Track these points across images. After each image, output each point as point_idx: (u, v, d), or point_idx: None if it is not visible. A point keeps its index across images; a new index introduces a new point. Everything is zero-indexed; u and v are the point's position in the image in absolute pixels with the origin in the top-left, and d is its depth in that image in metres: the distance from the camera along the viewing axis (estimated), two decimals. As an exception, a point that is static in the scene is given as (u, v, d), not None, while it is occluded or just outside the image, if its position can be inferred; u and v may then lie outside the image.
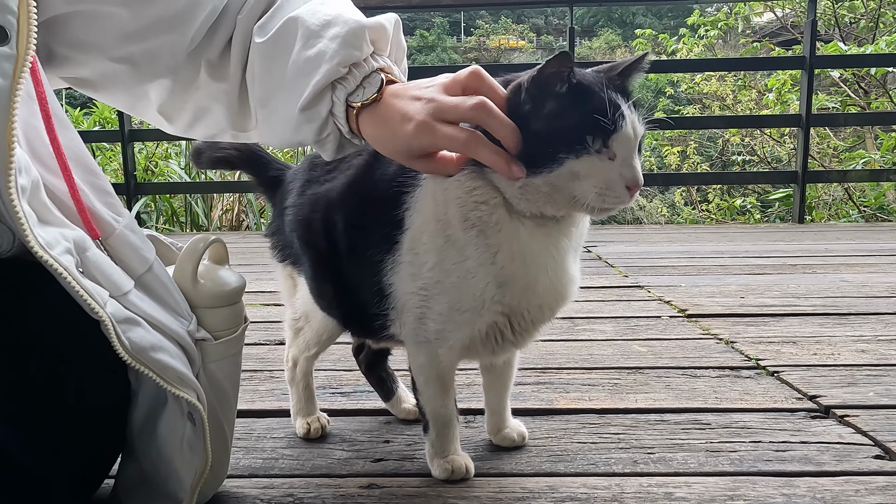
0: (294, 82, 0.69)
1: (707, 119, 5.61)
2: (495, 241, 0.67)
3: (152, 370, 0.58)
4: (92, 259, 0.57)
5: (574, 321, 1.53)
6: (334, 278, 0.79)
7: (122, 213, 0.62)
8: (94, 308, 0.54)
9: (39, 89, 0.56)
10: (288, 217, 0.84)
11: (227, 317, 0.68)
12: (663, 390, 1.06)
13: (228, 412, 0.70)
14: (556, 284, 0.70)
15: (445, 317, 0.70)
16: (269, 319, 1.61)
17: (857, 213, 4.73)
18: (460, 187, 0.68)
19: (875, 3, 5.65)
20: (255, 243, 3.17)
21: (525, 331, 0.73)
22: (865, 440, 0.85)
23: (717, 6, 7.41)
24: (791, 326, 1.45)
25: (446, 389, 0.76)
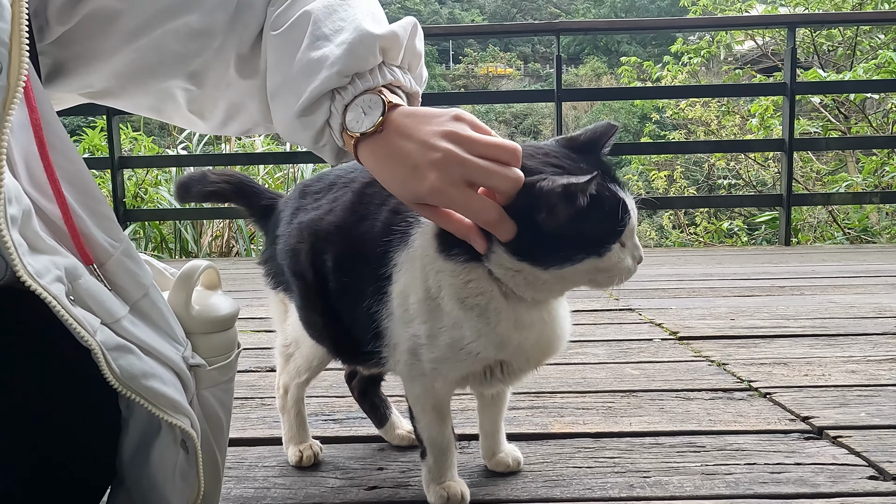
0: (295, 82, 0.66)
1: (692, 144, 5.72)
2: (495, 319, 0.68)
3: (144, 398, 0.57)
4: (84, 286, 0.56)
5: (567, 345, 1.52)
6: (323, 310, 0.79)
7: (120, 239, 0.61)
8: (83, 336, 0.54)
9: (34, 116, 0.57)
10: (279, 245, 0.84)
11: (221, 343, 0.67)
12: (657, 413, 1.06)
13: (221, 440, 0.69)
14: (543, 344, 0.72)
15: (439, 360, 0.71)
16: (260, 346, 1.60)
17: (841, 234, 4.80)
18: (454, 278, 0.67)
19: (851, 32, 5.83)
20: (245, 270, 3.15)
21: (513, 375, 0.74)
22: (859, 461, 0.85)
23: (700, 35, 7.61)
24: (782, 348, 1.46)
25: (443, 417, 0.76)
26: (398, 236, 0.71)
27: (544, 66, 30.40)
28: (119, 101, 0.77)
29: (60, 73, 0.72)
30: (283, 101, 0.69)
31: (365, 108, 0.65)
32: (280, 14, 0.68)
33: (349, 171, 0.81)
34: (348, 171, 0.81)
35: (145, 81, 0.73)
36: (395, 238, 0.71)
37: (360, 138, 0.65)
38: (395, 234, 0.71)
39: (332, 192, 0.80)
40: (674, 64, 6.78)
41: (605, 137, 0.68)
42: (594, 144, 0.68)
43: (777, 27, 5.37)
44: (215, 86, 0.73)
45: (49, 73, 0.71)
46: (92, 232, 0.59)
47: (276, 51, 0.68)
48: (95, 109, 4.02)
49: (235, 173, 0.94)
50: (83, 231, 0.59)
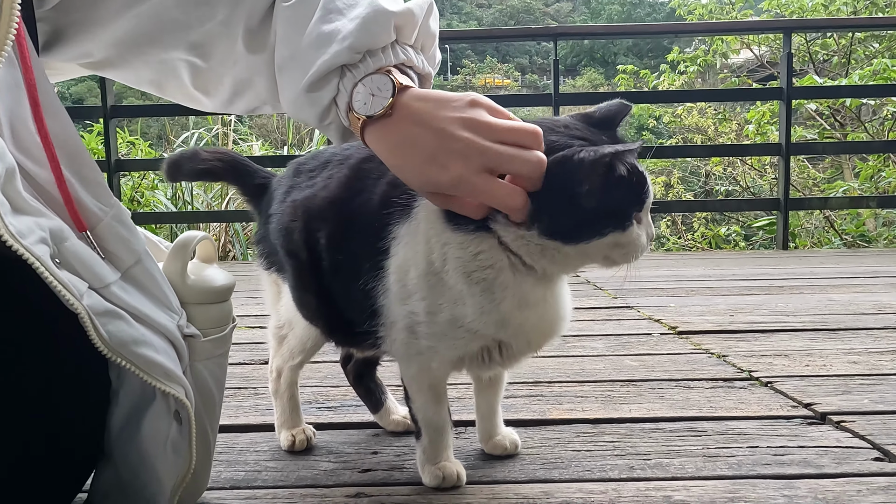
0: (304, 55, 0.64)
1: (690, 148, 5.73)
2: (500, 295, 0.66)
3: (135, 365, 0.55)
4: (70, 249, 0.55)
5: (565, 339, 1.51)
6: (317, 290, 0.77)
7: (110, 204, 0.60)
8: (68, 300, 0.52)
9: (29, 76, 0.55)
10: (272, 224, 0.82)
11: (216, 314, 0.66)
12: (657, 401, 1.04)
13: (213, 415, 0.67)
14: (545, 325, 0.70)
15: (437, 338, 0.69)
16: (255, 341, 1.58)
17: (839, 240, 4.80)
18: (463, 250, 0.65)
19: (846, 41, 5.87)
20: (241, 272, 3.14)
21: (512, 357, 0.72)
22: (864, 444, 0.84)
23: (696, 45, 7.66)
24: (782, 341, 1.44)
25: (439, 398, 0.74)
26: (398, 209, 0.69)
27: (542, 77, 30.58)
28: (119, 72, 0.76)
29: (59, 41, 0.70)
30: (290, 75, 0.67)
31: (374, 89, 0.63)
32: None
33: (345, 149, 0.79)
34: (344, 149, 0.79)
35: (146, 51, 0.72)
36: (394, 211, 0.69)
37: (368, 121, 0.63)
38: (395, 206, 0.69)
39: (327, 169, 0.78)
40: (670, 72, 6.82)
41: (619, 115, 0.68)
42: (610, 121, 0.68)
43: (773, 32, 5.40)
44: (222, 61, 0.72)
45: (48, 40, 0.70)
46: (81, 196, 0.58)
47: (287, 23, 0.67)
48: (92, 113, 4.02)
49: (228, 151, 0.92)
50: (73, 196, 0.57)
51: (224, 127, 4.64)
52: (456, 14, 45.58)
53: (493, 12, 42.47)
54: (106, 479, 0.63)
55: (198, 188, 4.41)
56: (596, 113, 0.68)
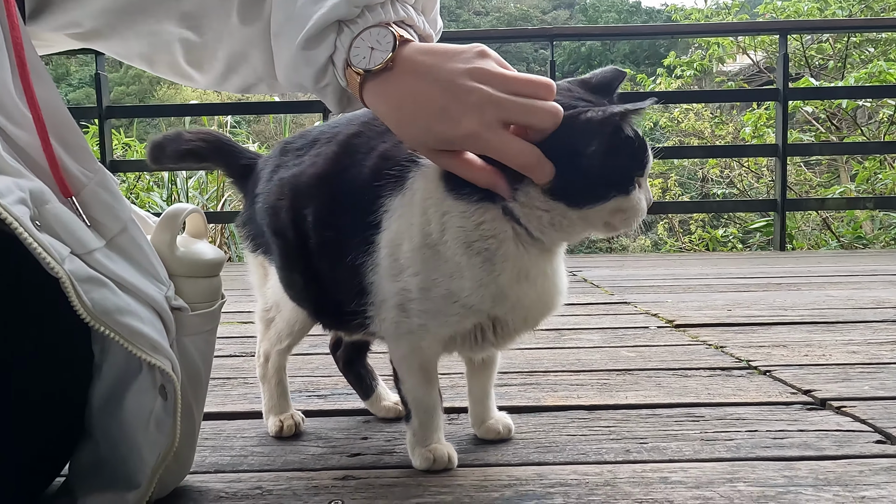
0: (301, 12, 0.62)
1: (687, 149, 5.73)
2: (500, 267, 0.65)
3: (120, 335, 0.53)
4: (52, 212, 0.52)
5: (560, 332, 1.49)
6: (304, 270, 0.75)
7: (93, 169, 0.58)
8: (48, 263, 0.49)
9: (15, 35, 0.53)
10: (258, 204, 0.80)
11: (205, 289, 0.64)
12: (654, 388, 1.02)
13: (199, 393, 0.65)
14: (544, 298, 0.69)
15: (429, 315, 0.67)
16: (246, 335, 1.56)
17: (836, 242, 4.80)
18: (465, 220, 0.63)
19: (842, 45, 5.89)
20: (237, 273, 3.11)
21: (507, 335, 0.71)
22: (865, 427, 0.82)
23: (692, 52, 7.68)
24: (780, 333, 1.42)
25: (430, 378, 0.72)
26: (391, 181, 0.67)
27: (539, 84, 30.66)
28: (109, 44, 0.74)
29: (47, 8, 0.68)
30: (286, 37, 0.64)
31: (373, 42, 0.60)
32: None
33: (333, 127, 0.78)
34: (332, 127, 0.78)
35: (135, 20, 0.70)
36: (386, 183, 0.68)
37: (367, 76, 0.60)
38: (388, 178, 0.68)
39: (315, 147, 0.76)
40: (666, 76, 6.84)
41: (616, 82, 0.67)
42: (607, 87, 0.66)
43: (769, 34, 5.41)
44: (217, 36, 0.70)
45: (35, 7, 0.68)
46: (64, 161, 0.56)
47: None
48: (88, 113, 4.00)
49: (212, 131, 0.90)
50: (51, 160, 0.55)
51: (220, 129, 4.63)
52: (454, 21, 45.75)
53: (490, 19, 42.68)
54: (85, 457, 0.61)
55: (193, 189, 4.39)
56: (592, 79, 0.67)
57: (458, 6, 50.04)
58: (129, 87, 19.53)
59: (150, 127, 8.16)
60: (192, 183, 4.45)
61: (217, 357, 1.31)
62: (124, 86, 19.41)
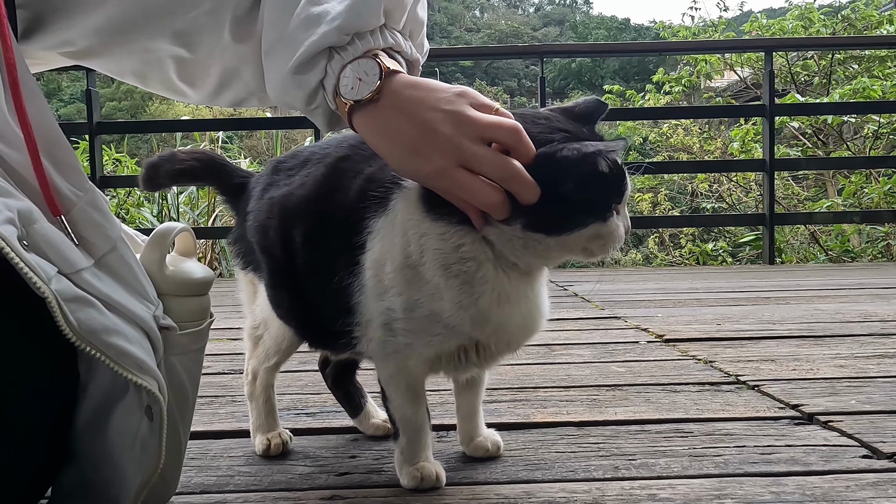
0: (292, 36, 0.64)
1: (676, 164, 5.78)
2: (480, 289, 0.65)
3: (106, 355, 0.52)
4: (40, 232, 0.52)
5: (551, 347, 1.49)
6: (291, 289, 0.75)
7: (84, 188, 0.58)
8: (35, 283, 0.49)
9: (8, 55, 0.53)
10: (249, 222, 0.81)
11: (194, 308, 0.63)
12: (643, 404, 1.02)
13: (185, 413, 0.64)
14: (527, 321, 0.69)
15: (414, 334, 0.67)
16: (235, 352, 1.55)
17: (824, 255, 4.84)
18: (444, 242, 0.64)
19: (826, 62, 5.99)
20: (228, 289, 3.09)
21: (490, 357, 0.71)
22: (851, 442, 0.82)
23: (680, 67, 7.79)
24: (769, 347, 1.43)
25: (417, 397, 0.72)
26: (375, 202, 0.68)
27: (530, 100, 30.98)
28: (102, 61, 0.74)
29: (39, 28, 0.69)
30: (277, 58, 0.66)
31: (361, 73, 0.63)
32: None
33: (323, 148, 0.78)
34: (322, 147, 0.79)
35: (129, 38, 0.70)
36: (371, 204, 0.68)
37: (355, 106, 0.63)
38: (372, 200, 0.68)
39: (306, 167, 0.77)
40: (655, 92, 6.91)
41: (597, 112, 0.68)
42: (589, 117, 0.68)
43: (755, 51, 5.50)
44: (209, 52, 0.71)
45: (28, 27, 0.69)
46: (54, 180, 0.56)
47: (275, 7, 0.67)
48: (78, 129, 4.00)
49: (206, 151, 0.91)
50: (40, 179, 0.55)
51: (212, 144, 4.63)
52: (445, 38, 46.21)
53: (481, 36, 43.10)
54: (69, 479, 0.60)
55: (184, 205, 4.38)
56: (576, 108, 0.69)
57: (450, 23, 50.56)
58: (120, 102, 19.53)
59: (142, 142, 8.15)
60: (182, 199, 4.44)
61: (205, 375, 1.30)
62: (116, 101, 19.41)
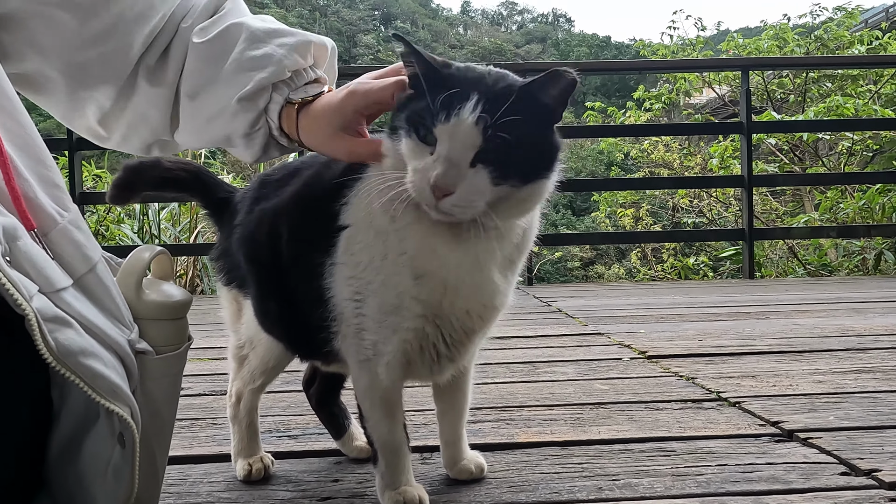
0: (234, 76, 0.73)
1: (657, 180, 5.86)
2: (406, 232, 0.66)
3: (81, 378, 0.51)
4: (22, 249, 0.52)
5: (535, 365, 1.49)
6: (278, 293, 0.76)
7: (68, 208, 0.57)
8: (17, 300, 0.48)
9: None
10: (235, 235, 0.80)
11: (171, 332, 0.63)
12: (626, 422, 1.03)
13: (161, 439, 0.63)
14: (480, 289, 0.68)
15: (377, 323, 0.68)
16: (217, 372, 1.52)
17: (802, 270, 4.92)
18: (381, 181, 0.66)
19: (801, 80, 6.14)
20: (209, 306, 3.06)
21: (458, 342, 0.71)
22: (830, 459, 0.83)
23: (660, 84, 7.93)
24: (749, 363, 1.45)
25: (392, 413, 0.72)
26: (347, 192, 0.70)
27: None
28: (39, 97, 0.77)
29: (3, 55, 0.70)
30: (214, 95, 0.75)
31: (307, 88, 0.76)
32: (205, 27, 0.77)
33: (309, 161, 0.80)
34: (308, 161, 0.80)
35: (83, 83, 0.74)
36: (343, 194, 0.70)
37: (302, 106, 0.75)
38: (344, 190, 0.70)
39: (295, 179, 0.78)
40: (636, 109, 7.03)
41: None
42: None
43: (731, 70, 5.62)
44: (127, 96, 0.77)
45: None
46: (38, 197, 0.56)
47: (204, 56, 0.76)
48: (58, 145, 3.95)
49: (193, 162, 0.91)
50: (28, 195, 0.55)
51: (195, 158, 4.60)
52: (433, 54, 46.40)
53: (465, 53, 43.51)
54: None
55: (166, 221, 4.33)
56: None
57: (434, 40, 51.04)
58: (101, 117, 19.34)
59: (123, 158, 8.07)
60: (164, 214, 4.39)
61: (185, 396, 1.28)
62: (97, 116, 19.21)
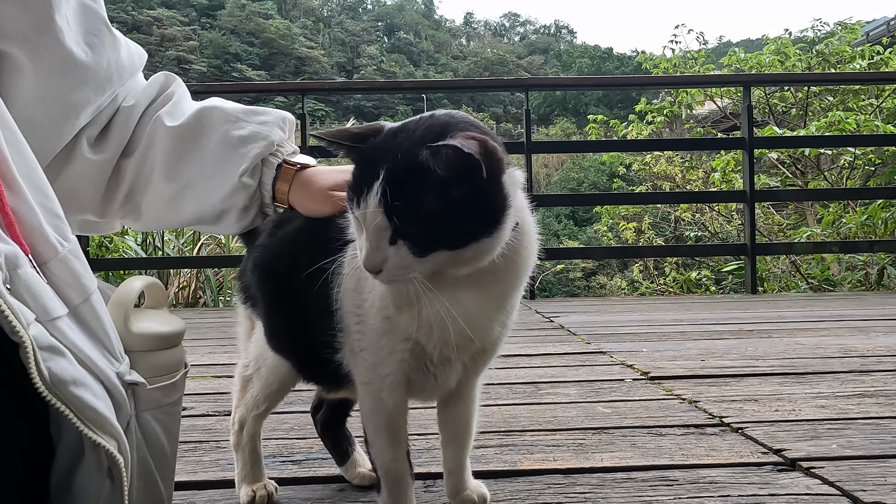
0: (224, 155, 0.81)
1: (659, 194, 5.88)
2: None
3: (70, 408, 0.52)
4: (23, 277, 0.52)
5: (538, 385, 1.49)
6: (289, 308, 0.77)
7: (68, 238, 0.58)
8: (15, 328, 0.49)
9: None
10: (255, 254, 0.83)
11: (164, 362, 0.63)
12: (629, 449, 1.03)
13: (164, 470, 0.64)
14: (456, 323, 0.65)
15: (373, 344, 0.69)
16: (220, 391, 1.53)
17: (805, 284, 4.92)
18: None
19: (803, 94, 6.17)
20: (211, 319, 3.07)
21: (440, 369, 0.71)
22: (833, 490, 0.83)
23: (662, 97, 7.97)
24: (752, 386, 1.45)
25: (397, 440, 0.72)
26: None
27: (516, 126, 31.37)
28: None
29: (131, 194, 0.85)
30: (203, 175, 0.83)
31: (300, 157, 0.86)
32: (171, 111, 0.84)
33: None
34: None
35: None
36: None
37: (298, 171, 0.83)
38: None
39: None
40: (638, 122, 7.06)
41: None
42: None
43: (733, 86, 5.65)
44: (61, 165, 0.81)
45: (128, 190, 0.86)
46: (44, 227, 0.56)
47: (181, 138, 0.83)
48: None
49: None
50: (33, 224, 0.55)
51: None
52: (432, 65, 46.85)
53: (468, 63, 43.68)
54: None
55: (169, 234, 4.35)
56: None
57: (437, 51, 51.33)
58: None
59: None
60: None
61: (189, 416, 1.29)
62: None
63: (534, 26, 65.81)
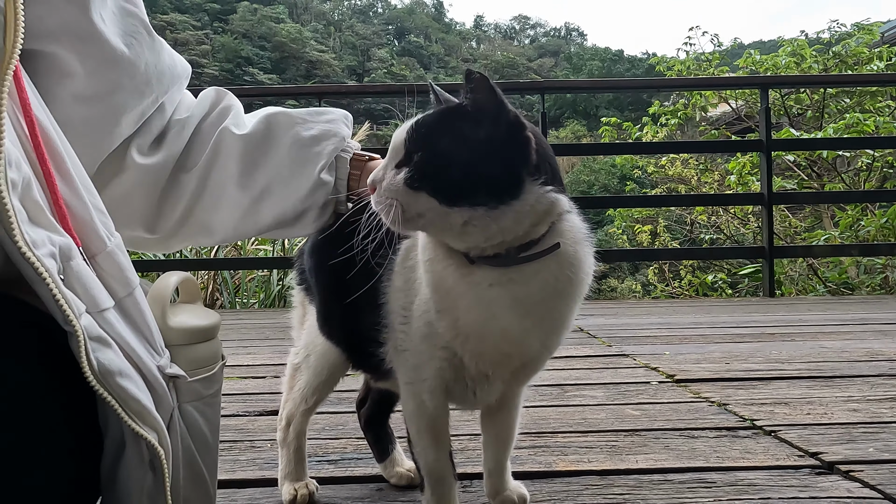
0: (299, 156, 0.83)
1: (674, 197, 5.84)
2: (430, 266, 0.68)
3: (115, 398, 0.53)
4: (75, 269, 0.54)
5: (563, 388, 1.50)
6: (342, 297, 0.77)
7: (114, 234, 0.60)
8: (69, 317, 0.50)
9: (23, 95, 0.55)
10: (313, 238, 0.85)
11: (202, 354, 0.64)
12: (663, 451, 1.03)
13: (208, 459, 0.64)
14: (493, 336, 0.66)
15: (415, 346, 0.70)
16: (248, 391, 1.54)
17: (823, 287, 4.87)
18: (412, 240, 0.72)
19: (819, 96, 6.11)
20: (229, 321, 3.08)
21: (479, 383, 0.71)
22: (875, 494, 0.83)
23: (675, 99, 7.93)
24: (780, 389, 1.44)
25: (439, 440, 0.73)
26: None
27: (526, 129, 31.31)
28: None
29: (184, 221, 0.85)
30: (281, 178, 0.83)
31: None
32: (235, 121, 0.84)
33: None
34: None
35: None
36: None
37: (369, 160, 0.86)
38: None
39: None
40: (652, 125, 7.02)
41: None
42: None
43: (750, 88, 5.61)
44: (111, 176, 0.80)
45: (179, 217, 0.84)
46: (94, 221, 0.58)
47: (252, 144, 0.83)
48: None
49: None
50: (85, 218, 0.57)
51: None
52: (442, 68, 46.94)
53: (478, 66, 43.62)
54: None
55: (187, 236, 4.39)
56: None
57: (447, 54, 51.41)
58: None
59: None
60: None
61: (221, 417, 1.30)
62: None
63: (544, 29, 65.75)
